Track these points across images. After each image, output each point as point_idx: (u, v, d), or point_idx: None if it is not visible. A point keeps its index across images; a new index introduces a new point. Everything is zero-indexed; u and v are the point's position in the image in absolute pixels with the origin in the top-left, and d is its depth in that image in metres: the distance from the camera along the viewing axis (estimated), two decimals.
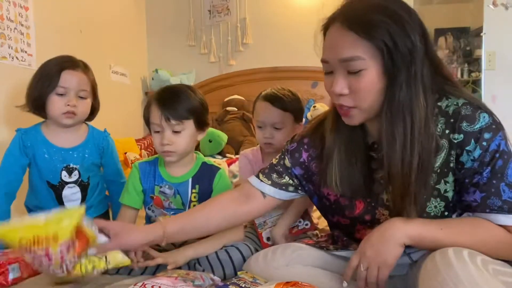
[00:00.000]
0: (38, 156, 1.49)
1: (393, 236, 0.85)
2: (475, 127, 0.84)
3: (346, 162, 0.97)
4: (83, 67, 1.51)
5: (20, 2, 2.02)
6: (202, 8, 3.44)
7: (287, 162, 1.10)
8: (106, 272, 1.07)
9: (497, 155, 0.84)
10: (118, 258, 1.06)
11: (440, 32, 4.26)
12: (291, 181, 1.10)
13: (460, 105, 0.87)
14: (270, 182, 1.10)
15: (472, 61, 4.05)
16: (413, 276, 0.92)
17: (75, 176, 1.52)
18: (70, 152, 1.52)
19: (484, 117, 0.85)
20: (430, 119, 0.86)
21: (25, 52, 2.05)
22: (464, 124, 0.85)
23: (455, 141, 0.86)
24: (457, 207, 0.92)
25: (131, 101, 3.28)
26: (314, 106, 2.99)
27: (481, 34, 3.20)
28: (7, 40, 1.93)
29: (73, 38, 2.47)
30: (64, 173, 1.51)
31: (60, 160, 1.50)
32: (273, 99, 1.42)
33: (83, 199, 1.55)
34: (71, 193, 1.53)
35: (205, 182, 1.32)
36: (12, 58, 1.97)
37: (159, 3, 3.52)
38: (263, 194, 1.09)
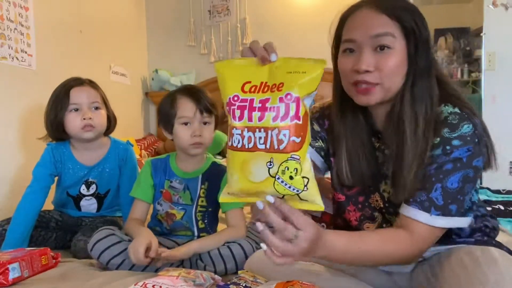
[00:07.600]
0: (63, 170, 1.58)
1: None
2: (453, 135, 0.87)
3: (354, 152, 0.99)
4: (90, 83, 1.59)
5: (20, 2, 2.02)
6: (202, 8, 3.44)
7: (316, 127, 1.13)
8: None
9: (452, 160, 0.86)
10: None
11: (440, 32, 4.26)
12: (323, 145, 1.11)
13: (450, 113, 0.89)
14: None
15: (472, 61, 4.06)
16: (422, 273, 0.94)
17: (92, 189, 1.61)
18: (92, 169, 1.59)
19: (467, 127, 0.86)
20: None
21: (25, 52, 2.05)
22: (445, 130, 0.88)
23: (431, 143, 0.88)
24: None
25: (131, 102, 3.28)
26: (314, 107, 2.99)
27: (481, 34, 3.19)
28: (7, 41, 1.93)
29: (73, 38, 2.46)
30: (83, 186, 1.60)
31: (82, 176, 1.59)
32: None
33: (99, 208, 1.64)
34: (88, 204, 1.62)
35: (214, 180, 1.35)
36: (12, 58, 1.97)
37: (159, 3, 3.52)
38: None
